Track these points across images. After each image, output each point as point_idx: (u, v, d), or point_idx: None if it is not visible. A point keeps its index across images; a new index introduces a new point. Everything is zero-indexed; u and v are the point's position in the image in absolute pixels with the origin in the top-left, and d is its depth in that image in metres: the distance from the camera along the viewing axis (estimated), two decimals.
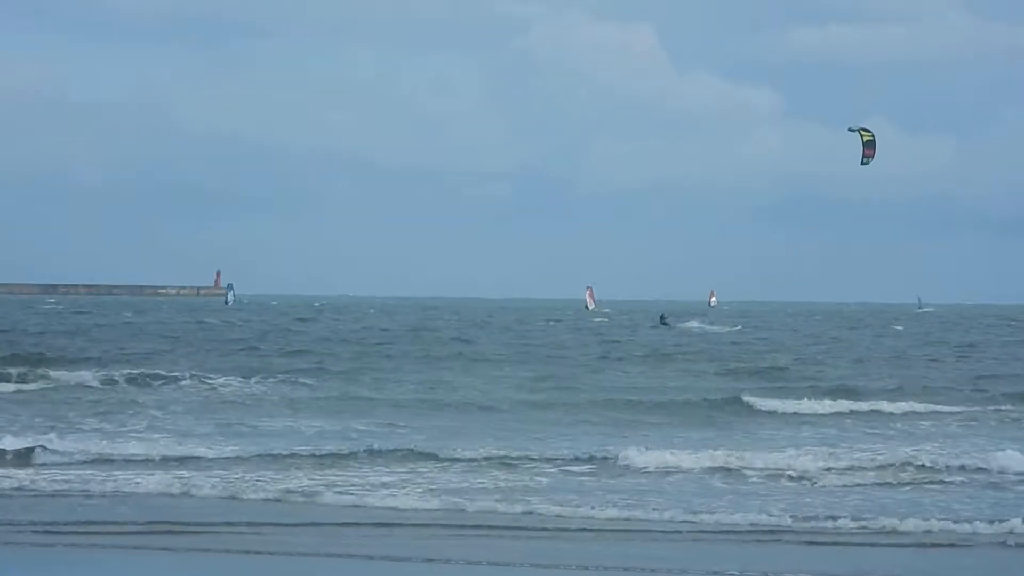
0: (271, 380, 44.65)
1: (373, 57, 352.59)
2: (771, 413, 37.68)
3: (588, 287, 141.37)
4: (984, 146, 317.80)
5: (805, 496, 23.55)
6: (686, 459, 27.06)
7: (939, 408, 38.68)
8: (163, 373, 45.52)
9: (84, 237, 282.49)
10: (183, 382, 43.69)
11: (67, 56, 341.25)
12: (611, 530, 20.29)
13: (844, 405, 38.97)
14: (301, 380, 45.20)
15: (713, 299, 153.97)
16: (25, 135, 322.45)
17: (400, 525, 20.31)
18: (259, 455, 27.68)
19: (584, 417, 36.50)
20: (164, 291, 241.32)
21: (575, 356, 60.60)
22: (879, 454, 28.16)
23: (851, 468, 26.45)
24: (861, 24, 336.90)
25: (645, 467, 26.50)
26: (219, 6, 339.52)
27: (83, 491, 23.25)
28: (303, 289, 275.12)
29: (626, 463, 26.73)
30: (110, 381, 43.53)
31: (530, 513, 21.53)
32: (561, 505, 22.11)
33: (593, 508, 21.86)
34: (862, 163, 39.46)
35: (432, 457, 27.56)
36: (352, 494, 23.14)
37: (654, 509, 21.78)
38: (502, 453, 27.82)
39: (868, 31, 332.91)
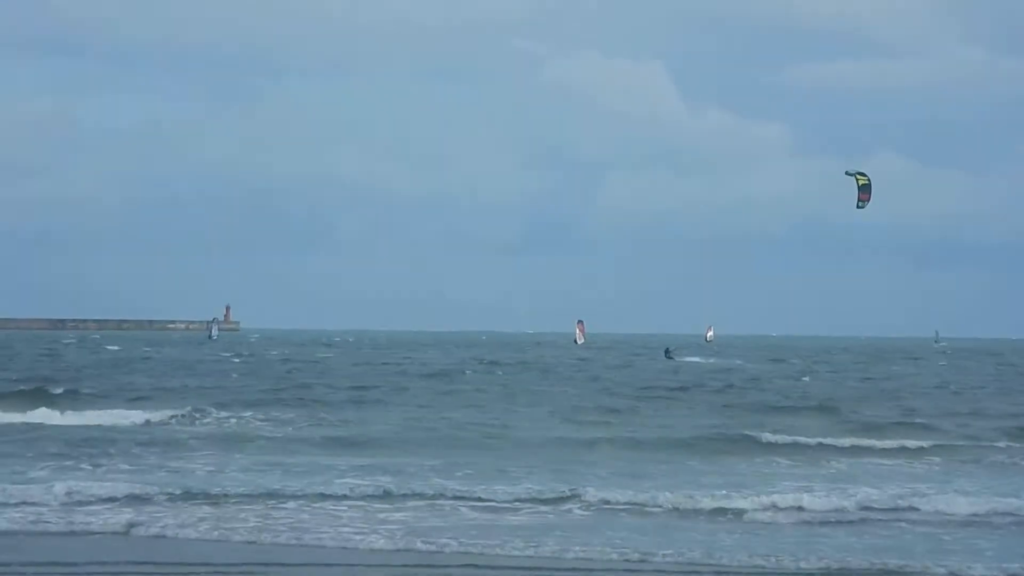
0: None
1: (384, 91, 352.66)
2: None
3: (579, 321, 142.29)
4: (994, 180, 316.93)
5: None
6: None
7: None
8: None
9: (93, 271, 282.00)
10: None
11: (77, 85, 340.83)
12: None
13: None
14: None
15: (710, 333, 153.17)
16: (32, 165, 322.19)
17: None
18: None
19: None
20: (173, 325, 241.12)
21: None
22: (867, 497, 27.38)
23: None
24: (870, 59, 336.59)
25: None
26: (235, 43, 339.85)
27: None
28: (311, 323, 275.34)
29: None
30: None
31: None
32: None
33: None
34: (857, 207, 39.75)
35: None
36: None
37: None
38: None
39: (878, 66, 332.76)
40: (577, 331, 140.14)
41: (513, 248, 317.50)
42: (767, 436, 38.74)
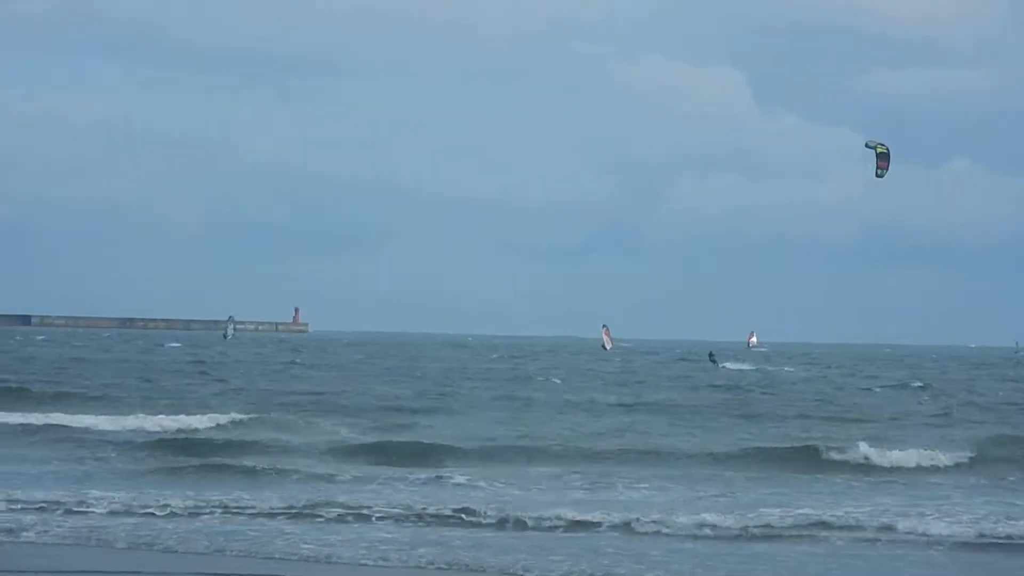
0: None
1: (446, 94, 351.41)
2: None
3: (604, 326, 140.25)
4: None
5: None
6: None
7: None
8: None
9: (161, 271, 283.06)
10: None
11: (135, 86, 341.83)
12: None
13: None
14: None
15: (753, 339, 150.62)
16: (103, 169, 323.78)
17: None
18: None
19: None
20: (242, 326, 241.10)
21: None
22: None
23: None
24: (945, 67, 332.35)
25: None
26: (292, 44, 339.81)
27: None
28: (376, 326, 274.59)
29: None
30: None
31: None
32: None
33: None
34: (876, 175, 39.71)
35: None
36: None
37: None
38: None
39: (953, 75, 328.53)
40: (604, 336, 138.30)
41: (574, 253, 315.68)
42: None
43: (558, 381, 74.78)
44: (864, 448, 36.50)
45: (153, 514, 25.10)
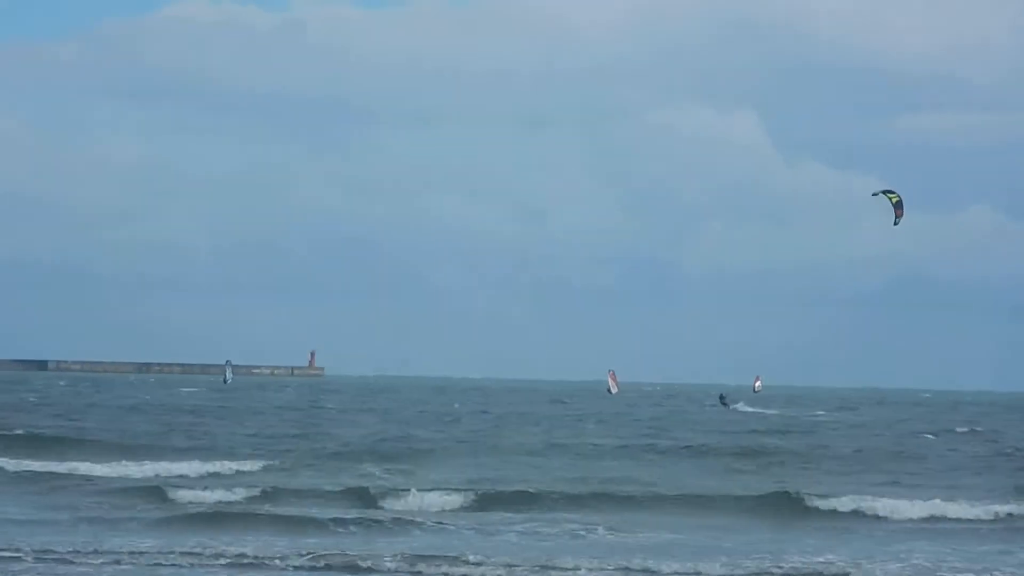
0: None
1: (477, 139, 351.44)
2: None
3: (610, 371, 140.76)
4: None
5: None
6: None
7: None
8: None
9: (179, 315, 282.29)
10: None
11: (173, 131, 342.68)
12: None
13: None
14: None
15: (758, 383, 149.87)
16: (129, 210, 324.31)
17: None
18: None
19: None
20: (258, 370, 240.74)
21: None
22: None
23: None
24: (969, 111, 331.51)
25: None
26: (329, 90, 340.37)
27: None
28: (397, 370, 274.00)
29: None
30: None
31: None
32: None
33: None
34: (895, 224, 40.34)
35: None
36: None
37: None
38: None
39: (976, 118, 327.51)
40: (610, 380, 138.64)
41: (605, 296, 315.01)
42: None
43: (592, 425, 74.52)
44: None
45: None
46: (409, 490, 37.21)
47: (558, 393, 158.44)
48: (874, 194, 40.21)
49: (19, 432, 52.57)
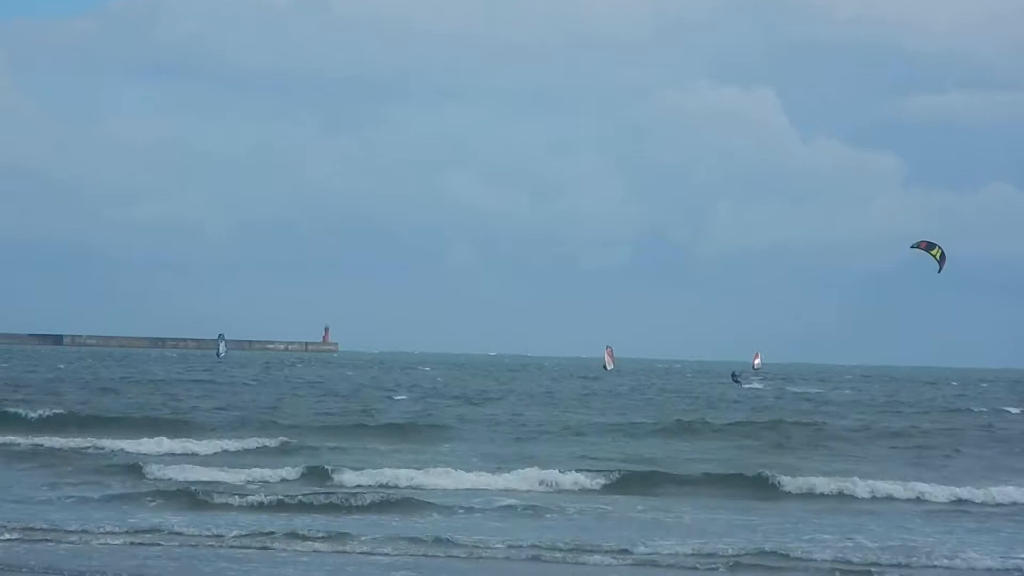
0: None
1: (493, 117, 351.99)
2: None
3: (607, 347, 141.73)
4: None
5: None
6: None
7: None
8: None
9: (197, 292, 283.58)
10: None
11: (190, 109, 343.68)
12: None
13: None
14: None
15: (757, 360, 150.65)
16: (145, 188, 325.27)
17: None
18: None
19: None
20: (272, 346, 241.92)
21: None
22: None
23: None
24: (983, 90, 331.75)
25: None
26: (334, 66, 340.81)
27: None
28: (407, 346, 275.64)
29: None
30: None
31: None
32: None
33: None
34: (939, 272, 42.63)
35: None
36: None
37: None
38: None
39: (991, 97, 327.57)
40: (606, 356, 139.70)
41: (615, 274, 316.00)
42: None
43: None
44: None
45: None
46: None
47: (563, 370, 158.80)
48: (912, 247, 40.88)
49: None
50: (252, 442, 42.91)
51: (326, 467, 36.21)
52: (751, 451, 44.62)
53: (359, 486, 33.62)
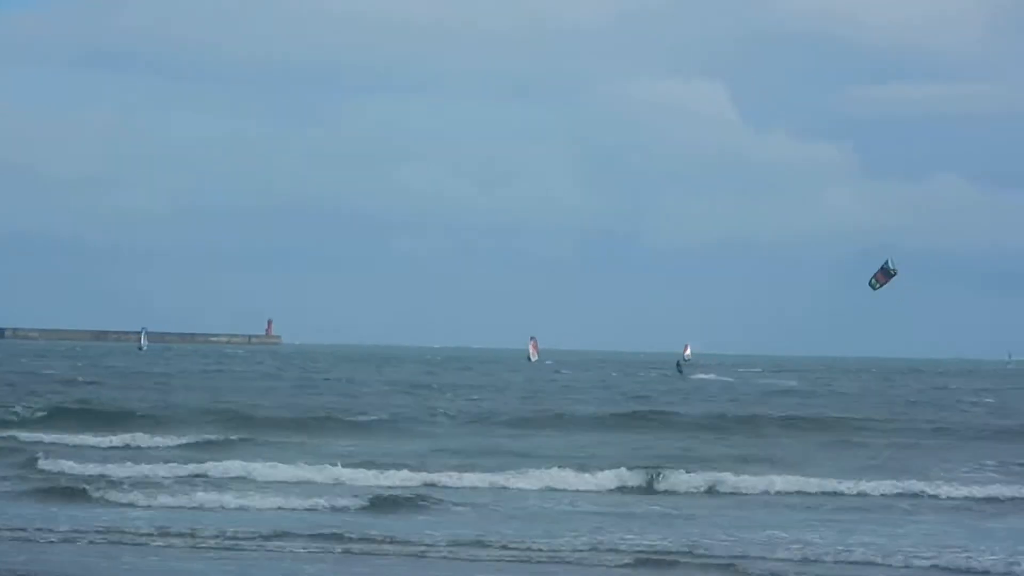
0: None
1: (438, 108, 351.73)
2: None
3: (532, 338, 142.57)
4: None
5: None
6: None
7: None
8: None
9: (140, 283, 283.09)
10: None
11: (138, 99, 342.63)
12: None
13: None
14: None
15: (688, 351, 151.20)
16: (94, 177, 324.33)
17: None
18: None
19: None
20: (216, 339, 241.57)
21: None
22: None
23: None
24: (935, 82, 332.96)
25: None
26: (283, 56, 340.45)
27: None
28: (352, 338, 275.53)
29: None
30: None
31: None
32: None
33: None
34: (870, 285, 40.87)
35: None
36: None
37: None
38: None
39: (942, 89, 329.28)
40: (531, 348, 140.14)
41: (560, 264, 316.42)
42: None
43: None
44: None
45: None
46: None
47: (498, 362, 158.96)
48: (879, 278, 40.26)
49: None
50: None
51: None
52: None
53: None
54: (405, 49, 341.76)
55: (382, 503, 29.83)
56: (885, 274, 40.24)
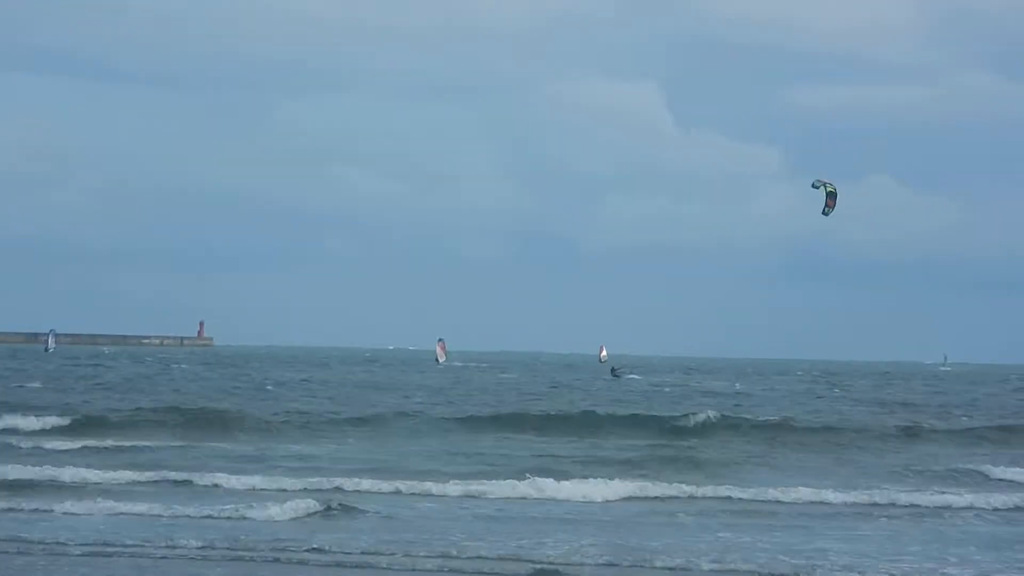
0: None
1: (372, 109, 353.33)
2: None
3: (440, 340, 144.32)
4: (991, 208, 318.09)
5: None
6: None
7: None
8: None
9: (70, 285, 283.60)
10: None
11: (70, 98, 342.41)
12: None
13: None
14: None
15: (603, 353, 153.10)
16: (27, 176, 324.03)
17: None
18: None
19: None
20: (148, 341, 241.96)
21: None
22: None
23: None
24: (869, 84, 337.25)
25: None
26: (226, 61, 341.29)
27: None
28: (287, 339, 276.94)
29: None
30: None
31: None
32: None
33: None
34: (823, 213, 39.38)
35: None
36: None
37: None
38: None
39: (876, 91, 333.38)
40: (438, 350, 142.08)
41: (494, 266, 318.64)
42: None
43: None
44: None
45: None
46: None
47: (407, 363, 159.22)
48: (813, 186, 39.05)
49: None
50: None
51: None
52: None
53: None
54: (338, 47, 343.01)
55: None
56: (832, 197, 39.19)
